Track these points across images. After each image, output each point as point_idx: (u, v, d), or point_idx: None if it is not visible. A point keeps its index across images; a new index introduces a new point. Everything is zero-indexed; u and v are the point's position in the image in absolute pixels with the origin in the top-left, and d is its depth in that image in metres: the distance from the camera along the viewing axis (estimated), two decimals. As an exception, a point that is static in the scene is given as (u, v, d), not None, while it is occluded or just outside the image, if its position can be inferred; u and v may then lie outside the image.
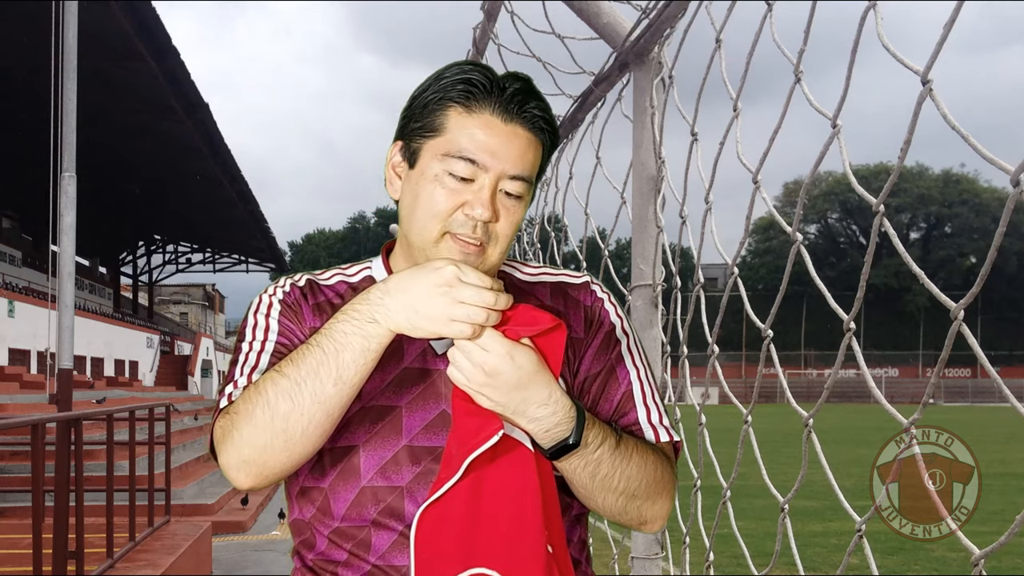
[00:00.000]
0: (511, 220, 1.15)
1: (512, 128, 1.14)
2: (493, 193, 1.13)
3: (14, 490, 9.08)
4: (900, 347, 68.58)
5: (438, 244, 1.14)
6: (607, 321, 1.27)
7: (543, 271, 1.31)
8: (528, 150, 1.15)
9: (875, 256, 1.29)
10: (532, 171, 1.16)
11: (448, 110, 1.14)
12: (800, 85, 1.44)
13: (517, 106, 1.14)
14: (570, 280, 1.30)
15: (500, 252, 1.17)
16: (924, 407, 1.20)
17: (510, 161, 1.13)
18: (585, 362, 1.24)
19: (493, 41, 2.99)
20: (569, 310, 1.26)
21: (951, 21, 1.07)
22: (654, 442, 1.21)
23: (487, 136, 1.13)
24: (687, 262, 2.14)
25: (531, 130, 1.15)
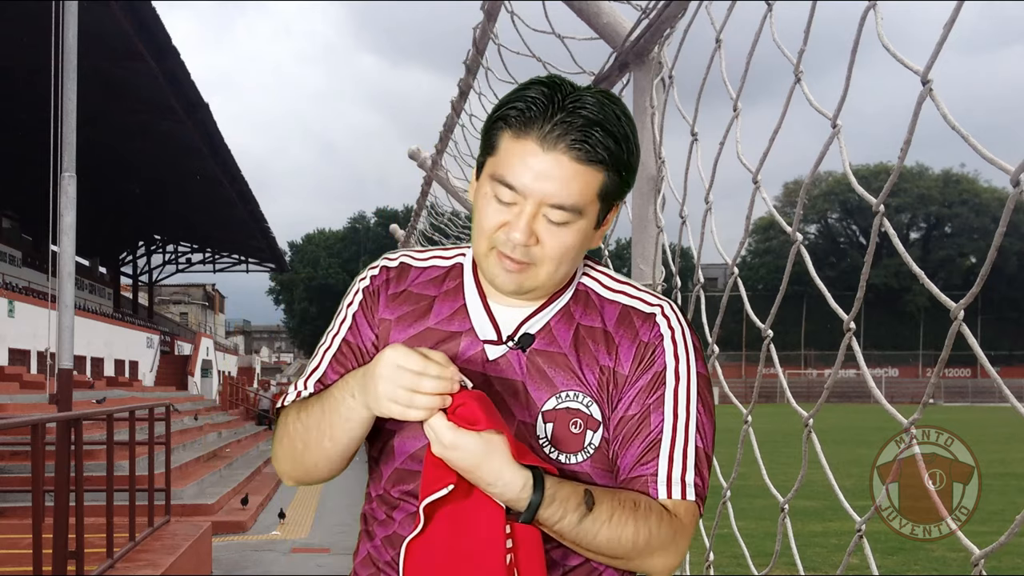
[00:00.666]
0: (558, 243, 1.16)
1: (555, 157, 1.13)
2: (532, 219, 1.15)
3: (14, 490, 9.08)
4: (900, 347, 68.55)
5: (487, 256, 1.19)
6: (659, 361, 1.22)
7: (623, 289, 1.28)
8: (575, 179, 1.13)
9: (875, 256, 1.29)
10: (579, 200, 1.14)
11: (503, 131, 1.16)
12: (800, 85, 1.44)
13: (564, 134, 1.12)
14: (640, 308, 1.25)
15: (548, 272, 1.18)
16: (924, 407, 1.20)
17: (549, 191, 1.13)
18: (623, 403, 1.21)
19: (493, 41, 2.99)
20: (626, 342, 1.22)
21: (951, 21, 1.07)
22: (664, 498, 1.18)
23: (528, 162, 1.13)
24: (687, 262, 2.14)
25: (579, 160, 1.13)
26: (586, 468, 1.19)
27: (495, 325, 1.23)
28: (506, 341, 1.22)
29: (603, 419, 1.20)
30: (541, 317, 1.23)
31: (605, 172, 1.15)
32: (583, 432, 1.19)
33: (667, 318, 1.24)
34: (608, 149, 1.13)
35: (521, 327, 1.23)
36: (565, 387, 1.20)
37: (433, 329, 1.25)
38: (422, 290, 1.28)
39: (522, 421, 1.19)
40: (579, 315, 1.24)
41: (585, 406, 1.20)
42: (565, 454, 1.19)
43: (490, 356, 1.22)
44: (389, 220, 52.31)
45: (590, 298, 1.26)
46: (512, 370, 1.21)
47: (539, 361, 1.21)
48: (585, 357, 1.22)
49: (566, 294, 1.25)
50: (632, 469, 1.19)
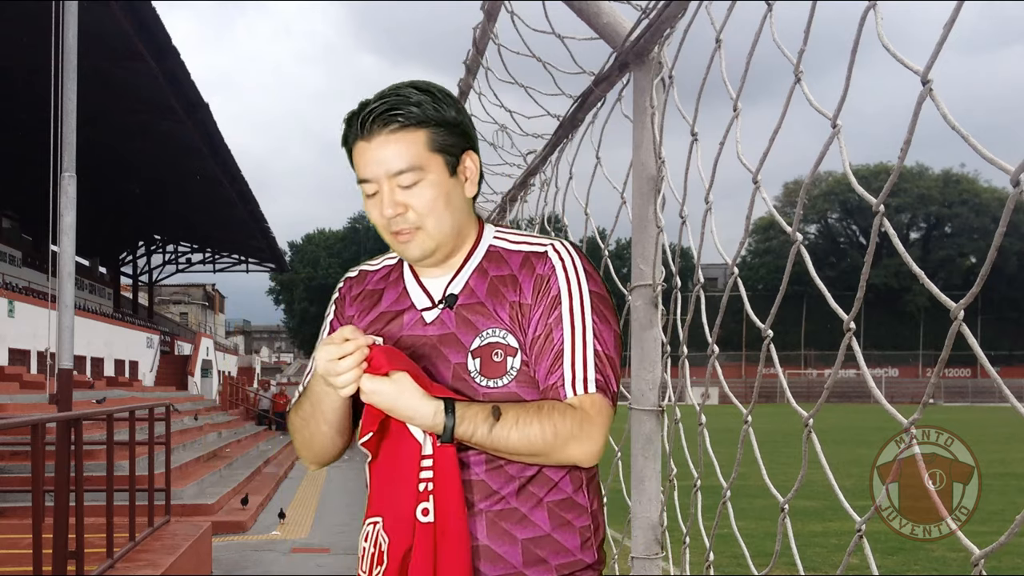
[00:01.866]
0: (420, 200, 1.43)
1: (377, 141, 1.41)
2: (390, 194, 1.42)
3: (14, 490, 9.08)
4: (900, 347, 68.54)
5: (392, 244, 1.49)
6: (554, 288, 1.46)
7: (525, 240, 1.54)
8: (400, 146, 1.41)
9: (875, 256, 1.29)
10: (411, 159, 1.41)
11: (349, 152, 1.46)
12: (800, 85, 1.44)
13: (372, 123, 1.40)
14: (535, 249, 1.51)
15: (433, 226, 1.44)
16: (924, 407, 1.20)
17: (384, 166, 1.41)
18: (531, 327, 1.46)
19: (493, 41, 2.99)
20: (527, 279, 1.48)
21: (951, 21, 1.07)
22: (571, 397, 1.41)
23: (363, 159, 1.43)
24: (687, 262, 2.14)
25: (398, 130, 1.41)
26: (513, 388, 1.43)
27: (428, 294, 1.51)
28: (437, 304, 1.49)
29: (519, 345, 1.45)
30: (460, 278, 1.50)
31: (424, 129, 1.41)
32: (504, 359, 1.44)
33: (557, 252, 1.50)
34: (411, 111, 1.40)
35: (446, 290, 1.50)
36: (485, 327, 1.46)
37: (384, 312, 1.54)
38: (375, 286, 1.58)
39: (457, 363, 1.45)
40: (492, 269, 1.50)
41: (502, 338, 1.45)
42: (493, 379, 1.43)
43: (427, 319, 1.50)
44: (389, 220, 52.10)
45: (500, 254, 1.52)
46: (445, 325, 1.48)
47: (464, 312, 1.47)
48: (498, 299, 1.47)
49: (477, 255, 1.52)
50: (545, 379, 1.44)
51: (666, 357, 2.21)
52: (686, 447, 2.10)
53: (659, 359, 2.19)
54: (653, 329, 2.18)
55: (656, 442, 2.20)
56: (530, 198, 3.83)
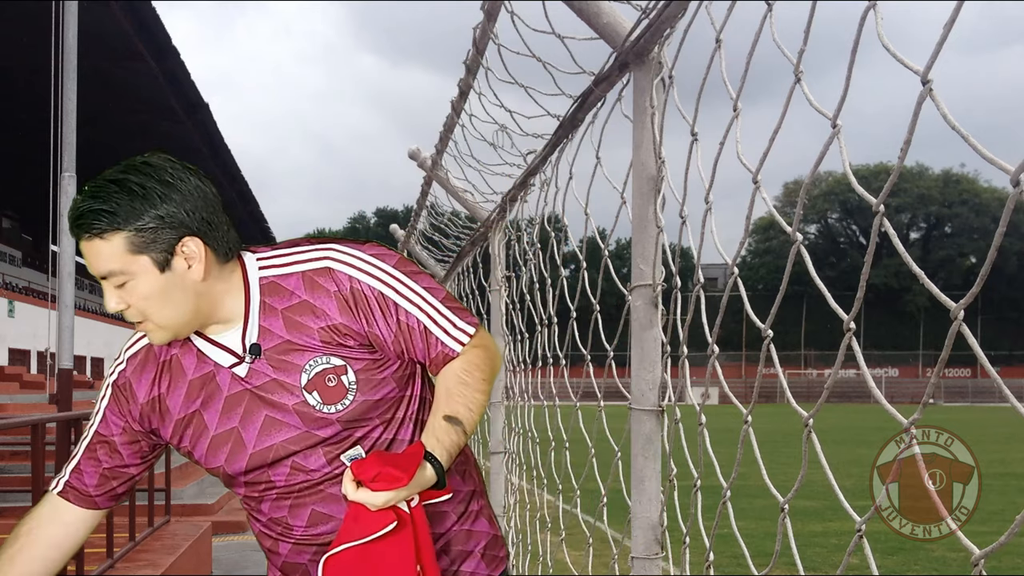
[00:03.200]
0: (135, 296, 1.41)
1: (84, 244, 1.40)
2: (110, 293, 1.41)
3: (14, 490, 9.07)
4: (900, 347, 68.53)
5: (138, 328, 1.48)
6: (368, 294, 1.47)
7: (289, 260, 1.52)
8: (100, 252, 1.38)
9: (875, 256, 1.29)
10: (112, 265, 1.39)
11: None
12: (800, 85, 1.44)
13: (76, 228, 1.38)
14: (313, 266, 1.49)
15: (158, 316, 1.42)
16: (924, 407, 1.20)
17: (95, 269, 1.40)
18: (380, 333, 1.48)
19: (493, 41, 2.99)
20: (323, 300, 1.47)
21: (951, 21, 1.07)
22: (460, 348, 1.52)
23: (85, 257, 1.42)
24: (687, 262, 2.13)
25: (91, 239, 1.38)
26: (360, 400, 1.47)
27: (227, 350, 1.48)
28: (243, 360, 1.47)
29: (346, 361, 1.47)
30: (252, 326, 1.47)
31: (119, 233, 1.37)
32: (339, 381, 1.46)
33: (337, 260, 1.49)
34: (100, 220, 1.37)
35: (243, 342, 1.47)
36: (304, 360, 1.46)
37: (194, 380, 1.50)
38: (166, 355, 1.53)
39: (295, 403, 1.46)
40: (277, 303, 1.48)
41: (326, 363, 1.46)
42: (338, 403, 1.46)
43: (241, 374, 1.48)
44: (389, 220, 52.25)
45: (275, 284, 1.49)
46: (262, 375, 1.47)
47: (274, 356, 1.46)
48: (302, 330, 1.46)
49: (254, 297, 1.48)
50: (428, 357, 1.51)
51: (666, 357, 2.20)
52: (686, 447, 2.10)
53: (659, 359, 2.19)
54: (653, 329, 2.18)
55: (656, 442, 2.20)
56: (530, 198, 3.83)
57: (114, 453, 1.57)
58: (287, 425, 1.47)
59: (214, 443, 1.50)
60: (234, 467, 1.52)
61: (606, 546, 2.84)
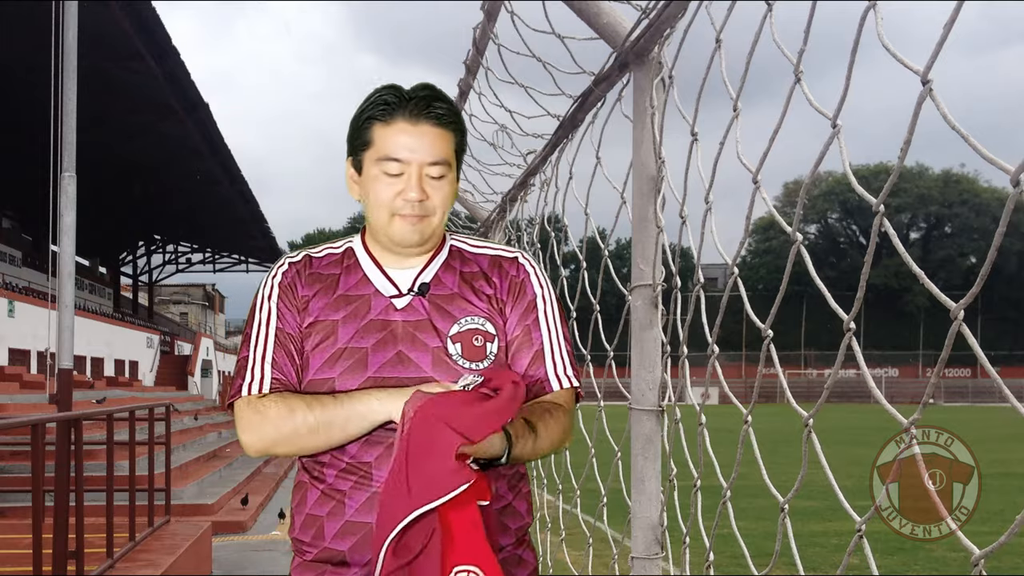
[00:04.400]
0: (441, 194, 1.56)
1: (421, 128, 1.52)
2: (419, 179, 1.53)
3: (14, 490, 9.08)
4: (900, 347, 68.49)
5: (391, 223, 1.56)
6: (529, 291, 1.64)
7: (486, 245, 1.71)
8: (438, 140, 1.53)
9: (875, 256, 1.29)
10: (446, 155, 1.54)
11: (373, 125, 1.54)
12: (800, 85, 1.44)
13: (420, 110, 1.51)
14: (504, 255, 1.68)
15: (439, 219, 1.58)
16: (924, 407, 1.20)
17: (425, 152, 1.52)
18: (509, 326, 1.61)
19: (493, 41, 2.99)
20: (500, 278, 1.63)
21: (951, 21, 1.07)
22: (558, 389, 1.62)
23: (403, 138, 1.52)
24: (687, 262, 2.14)
25: (437, 125, 1.53)
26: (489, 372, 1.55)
27: (393, 283, 1.59)
28: (408, 292, 1.58)
29: (496, 332, 1.59)
30: (430, 270, 1.61)
31: (453, 132, 1.55)
32: (484, 344, 1.57)
33: (527, 260, 1.68)
34: (453, 115, 1.55)
35: (416, 280, 1.60)
36: (463, 315, 1.57)
37: (345, 295, 1.59)
38: (327, 270, 1.63)
39: (436, 347, 1.54)
40: (459, 265, 1.63)
41: (481, 325, 1.58)
42: (474, 363, 1.55)
43: (398, 306, 1.58)
44: (389, 220, 52.10)
45: (463, 253, 1.66)
46: (418, 312, 1.57)
47: (438, 301, 1.58)
48: (472, 291, 1.60)
49: (443, 252, 1.64)
50: (526, 374, 1.60)
51: (666, 357, 2.20)
52: (686, 447, 2.10)
53: (659, 359, 2.19)
54: (653, 329, 2.18)
55: (656, 442, 2.20)
56: (530, 198, 3.83)
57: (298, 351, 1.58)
58: (415, 365, 1.53)
59: (336, 355, 1.54)
60: (345, 383, 1.53)
61: (606, 546, 2.84)
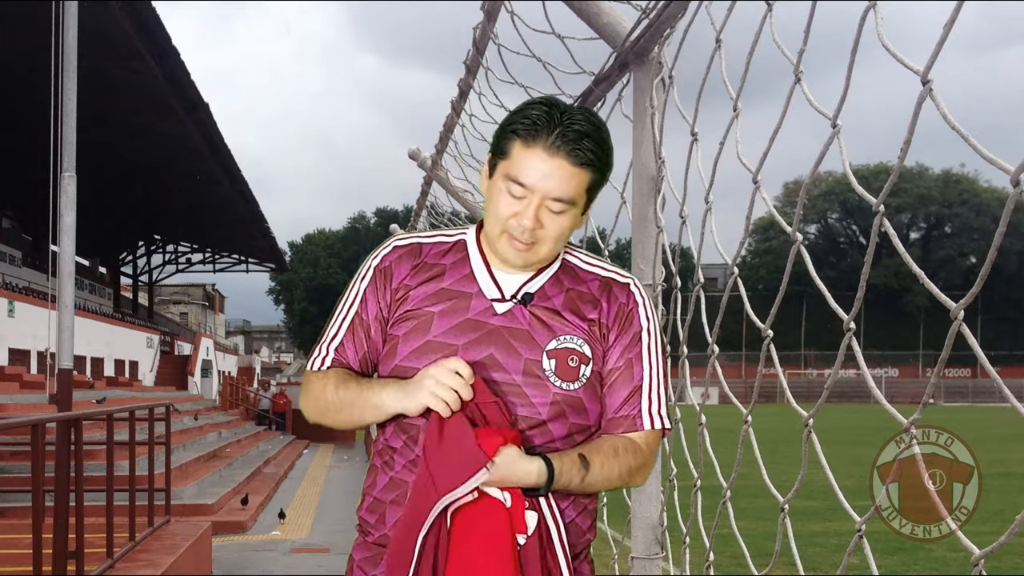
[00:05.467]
0: (555, 226, 1.50)
1: (557, 162, 1.45)
2: (538, 209, 1.48)
3: (14, 490, 9.08)
4: (900, 347, 68.47)
5: (500, 238, 1.52)
6: (636, 323, 1.58)
7: (599, 265, 1.63)
8: (571, 180, 1.46)
9: (875, 256, 1.29)
10: (574, 194, 1.47)
11: (514, 140, 1.48)
12: (800, 85, 1.44)
13: (563, 144, 1.44)
14: (617, 278, 1.61)
15: (548, 250, 1.52)
16: (924, 407, 1.20)
17: (552, 187, 1.46)
18: (611, 356, 1.56)
19: (493, 41, 2.99)
20: (608, 303, 1.57)
21: (951, 21, 1.07)
22: (648, 428, 1.55)
23: (535, 167, 1.46)
24: (687, 262, 2.14)
25: (575, 164, 1.46)
26: (580, 394, 1.51)
27: (498, 286, 1.55)
28: (511, 298, 1.54)
29: (593, 356, 1.53)
30: (537, 281, 1.56)
31: (592, 172, 1.47)
32: (578, 366, 1.52)
33: (638, 288, 1.61)
34: (595, 155, 1.46)
35: (522, 288, 1.55)
36: (562, 332, 1.53)
37: (447, 289, 1.56)
38: (435, 260, 1.60)
39: (529, 359, 1.50)
40: (567, 282, 1.58)
41: (579, 346, 1.52)
42: (565, 382, 1.50)
43: (498, 311, 1.53)
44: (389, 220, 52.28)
45: (575, 271, 1.60)
46: (517, 321, 1.53)
47: (539, 313, 1.54)
48: (576, 311, 1.55)
49: (554, 265, 1.59)
50: (620, 409, 1.55)
51: (666, 357, 2.20)
52: (686, 447, 2.10)
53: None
54: (653, 329, 2.18)
55: (656, 442, 2.20)
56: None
57: (369, 335, 1.60)
58: (505, 371, 1.50)
59: (426, 346, 1.52)
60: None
61: (606, 546, 2.84)
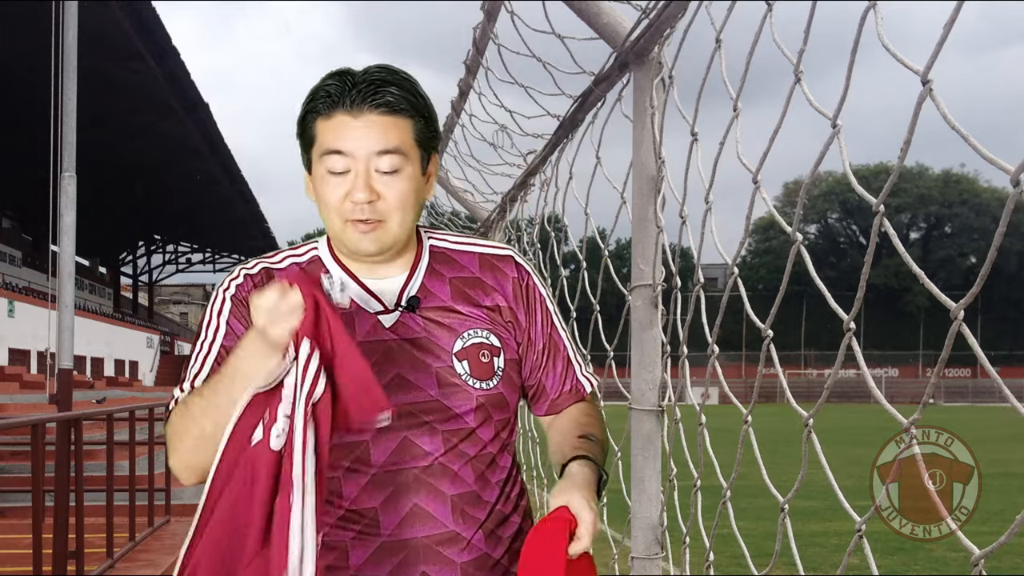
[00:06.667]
0: (395, 192, 1.32)
1: (365, 119, 1.30)
2: (367, 176, 1.30)
3: (14, 490, 9.07)
4: (900, 347, 68.46)
5: (344, 231, 1.34)
6: (536, 293, 1.48)
7: (469, 241, 1.50)
8: (388, 129, 1.30)
9: (875, 256, 1.29)
10: (400, 143, 1.31)
11: (316, 120, 1.33)
12: (800, 85, 1.44)
13: (362, 99, 1.29)
14: (495, 252, 1.49)
15: (399, 223, 1.34)
16: (924, 407, 1.20)
17: (372, 142, 1.30)
18: (533, 335, 1.47)
19: (493, 41, 2.99)
20: (499, 282, 1.45)
21: (951, 21, 1.07)
22: (590, 390, 1.53)
23: (345, 132, 1.30)
24: (687, 262, 2.14)
25: (387, 113, 1.30)
26: (500, 389, 1.40)
27: (376, 297, 1.39)
28: (395, 308, 1.39)
29: (501, 345, 1.42)
30: (415, 281, 1.41)
31: (411, 119, 1.32)
32: (491, 360, 1.40)
33: (519, 256, 1.50)
34: (405, 99, 1.31)
35: (402, 294, 1.39)
36: (464, 328, 1.39)
37: None
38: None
39: (440, 367, 1.37)
40: (446, 271, 1.43)
41: (486, 338, 1.40)
42: (483, 381, 1.38)
43: (385, 324, 1.37)
44: (389, 220, 52.09)
45: (447, 255, 1.46)
46: (411, 330, 1.38)
47: (431, 315, 1.39)
48: (468, 300, 1.42)
49: (424, 257, 1.43)
50: (562, 385, 1.49)
51: (666, 357, 2.20)
52: (686, 447, 2.10)
53: (659, 359, 2.19)
54: (653, 329, 2.18)
55: (656, 442, 2.20)
56: (530, 198, 3.83)
57: None
58: (418, 388, 1.35)
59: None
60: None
61: (606, 546, 2.84)
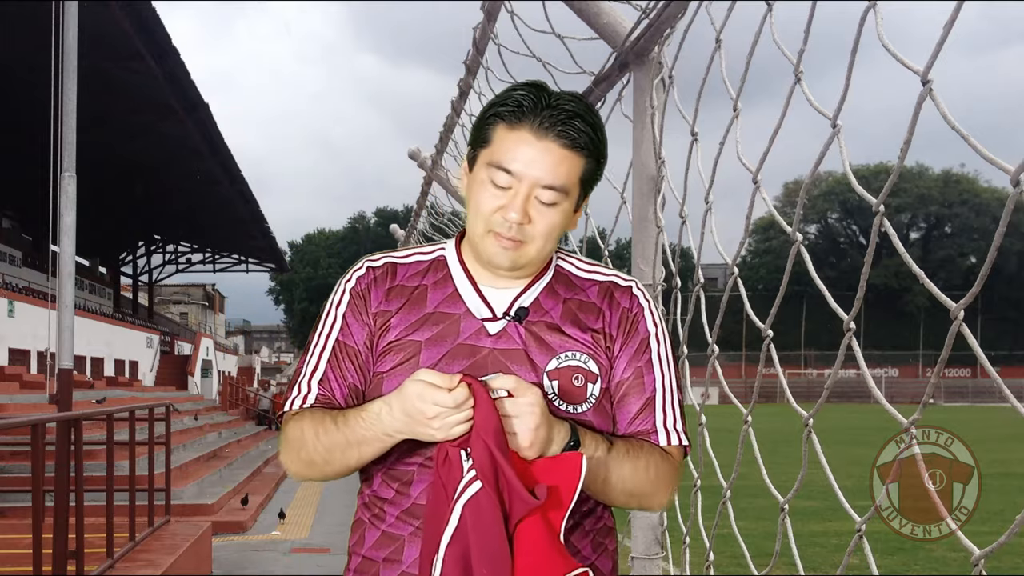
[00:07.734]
0: (546, 222, 1.33)
1: (545, 144, 1.30)
2: (526, 200, 1.31)
3: (14, 490, 9.08)
4: (900, 347, 68.44)
5: (484, 238, 1.35)
6: (642, 328, 1.43)
7: (596, 270, 1.48)
8: (561, 164, 1.31)
9: (875, 256, 1.29)
10: (565, 181, 1.32)
11: (496, 125, 1.33)
12: (800, 85, 1.44)
13: (552, 125, 1.29)
14: (617, 282, 1.46)
15: (538, 248, 1.35)
16: (924, 407, 1.20)
17: (541, 174, 1.30)
18: (618, 366, 1.41)
19: (493, 41, 2.99)
20: (610, 309, 1.42)
21: (951, 21, 1.07)
22: (665, 445, 1.39)
23: (521, 151, 1.30)
24: (687, 262, 2.14)
25: (565, 147, 1.30)
26: (590, 416, 1.36)
27: (488, 304, 1.39)
28: (503, 316, 1.38)
29: (600, 372, 1.38)
30: (530, 294, 1.40)
31: (586, 158, 1.33)
32: (584, 385, 1.37)
33: (641, 291, 1.46)
34: (588, 137, 1.31)
35: (514, 303, 1.39)
36: (563, 349, 1.37)
37: (432, 313, 1.39)
38: (412, 282, 1.43)
39: (530, 382, 1.31)
40: (564, 292, 1.42)
41: (583, 363, 1.37)
42: (572, 405, 1.35)
43: (490, 331, 1.37)
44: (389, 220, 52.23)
45: (570, 278, 1.45)
46: (513, 340, 1.37)
47: (535, 330, 1.38)
48: (576, 323, 1.39)
49: (547, 274, 1.43)
50: (631, 424, 1.40)
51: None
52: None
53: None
54: (653, 329, 2.18)
55: (656, 442, 2.20)
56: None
57: (358, 363, 1.40)
58: None
59: None
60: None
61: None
